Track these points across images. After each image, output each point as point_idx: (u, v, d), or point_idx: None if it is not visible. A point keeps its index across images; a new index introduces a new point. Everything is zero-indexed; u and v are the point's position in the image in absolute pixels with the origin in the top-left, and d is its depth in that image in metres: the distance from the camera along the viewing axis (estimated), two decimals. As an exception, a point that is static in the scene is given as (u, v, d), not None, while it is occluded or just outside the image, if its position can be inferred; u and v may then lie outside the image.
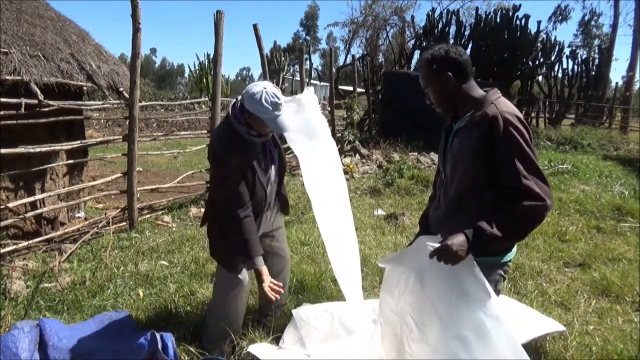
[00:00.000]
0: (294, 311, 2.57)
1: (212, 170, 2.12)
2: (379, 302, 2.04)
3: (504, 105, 1.61)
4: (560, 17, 32.78)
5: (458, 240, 1.54)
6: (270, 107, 1.88)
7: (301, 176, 6.58)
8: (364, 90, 13.68)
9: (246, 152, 2.02)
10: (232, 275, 2.19)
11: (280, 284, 2.12)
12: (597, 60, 17.01)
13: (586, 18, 34.06)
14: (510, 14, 13.92)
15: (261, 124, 1.96)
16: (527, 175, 1.52)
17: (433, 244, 1.61)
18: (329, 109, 8.88)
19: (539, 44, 14.58)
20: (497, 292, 1.70)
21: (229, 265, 2.19)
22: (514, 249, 1.78)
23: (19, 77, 3.61)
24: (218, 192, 2.09)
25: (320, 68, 41.99)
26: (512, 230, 1.56)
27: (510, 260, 1.75)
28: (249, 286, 2.33)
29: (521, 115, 1.61)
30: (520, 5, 13.89)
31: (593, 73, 16.48)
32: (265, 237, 2.34)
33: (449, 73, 1.65)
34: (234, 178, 1.99)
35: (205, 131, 6.55)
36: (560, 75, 16.29)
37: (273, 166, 2.19)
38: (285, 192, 2.41)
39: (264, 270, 2.09)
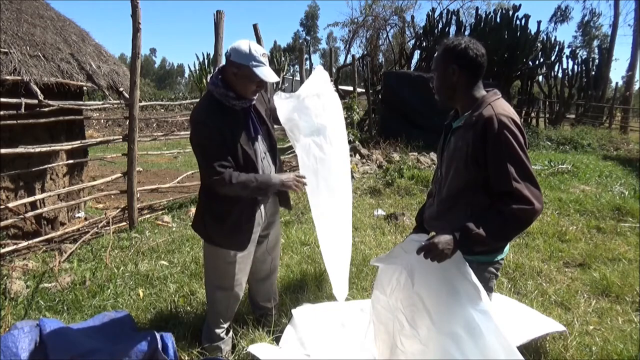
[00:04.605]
0: (294, 311, 2.57)
1: (194, 141, 2.05)
2: (372, 300, 2.04)
3: (501, 108, 1.60)
4: (560, 18, 32.82)
5: (445, 239, 1.55)
6: (259, 56, 1.96)
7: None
8: (364, 90, 13.68)
9: (225, 117, 2.00)
10: (222, 254, 2.15)
11: (303, 177, 2.10)
12: (597, 60, 17.02)
13: (586, 18, 34.11)
14: (510, 14, 13.92)
15: (248, 79, 1.96)
16: (518, 179, 1.52)
17: (421, 241, 1.62)
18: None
19: (539, 44, 14.57)
20: (490, 290, 1.72)
21: (232, 241, 2.13)
22: (507, 247, 1.79)
23: (19, 77, 3.62)
24: (201, 159, 2.02)
25: (320, 68, 41.87)
26: (498, 232, 1.57)
27: (502, 259, 1.75)
28: (245, 263, 2.24)
29: (518, 119, 1.61)
30: (520, 5, 13.90)
31: (593, 73, 16.48)
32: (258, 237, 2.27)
33: (459, 67, 1.65)
34: (215, 141, 1.97)
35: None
36: (560, 75, 16.27)
37: (259, 137, 2.13)
38: None
39: (280, 175, 2.06)
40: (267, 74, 1.97)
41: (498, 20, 14.02)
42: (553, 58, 15.29)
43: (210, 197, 2.12)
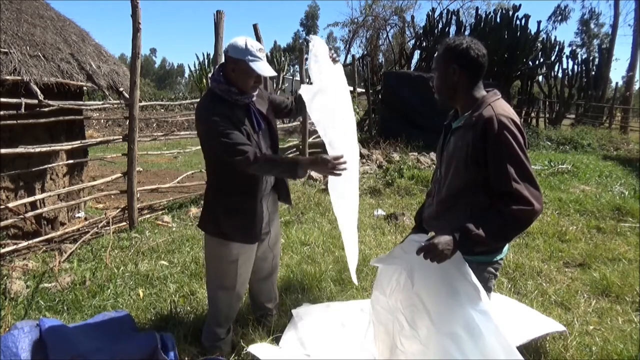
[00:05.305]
0: (294, 311, 2.57)
1: (208, 136, 2.04)
2: (371, 301, 2.05)
3: (501, 108, 1.60)
4: (560, 17, 32.85)
5: (444, 239, 1.55)
6: (255, 51, 1.98)
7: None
8: (364, 90, 13.69)
9: (229, 112, 2.01)
10: (224, 253, 2.16)
11: (342, 157, 2.00)
12: (597, 60, 17.00)
13: (585, 17, 34.12)
14: (510, 14, 13.93)
15: (245, 74, 1.98)
16: (517, 180, 1.52)
17: (421, 241, 1.62)
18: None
19: (539, 44, 14.58)
20: (489, 290, 1.72)
21: (246, 234, 2.14)
22: (506, 248, 1.79)
23: (19, 77, 3.61)
24: (220, 146, 1.98)
25: (320, 68, 41.79)
26: (497, 232, 1.57)
27: (501, 259, 1.76)
28: (248, 262, 2.24)
29: (518, 119, 1.61)
30: (520, 5, 13.91)
31: (593, 73, 16.47)
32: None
33: (460, 67, 1.65)
34: (230, 128, 1.96)
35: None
36: (560, 75, 16.27)
37: (260, 132, 2.14)
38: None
39: (311, 158, 2.01)
40: (263, 68, 1.98)
41: (498, 20, 14.03)
42: (553, 58, 15.30)
43: (221, 192, 2.15)
